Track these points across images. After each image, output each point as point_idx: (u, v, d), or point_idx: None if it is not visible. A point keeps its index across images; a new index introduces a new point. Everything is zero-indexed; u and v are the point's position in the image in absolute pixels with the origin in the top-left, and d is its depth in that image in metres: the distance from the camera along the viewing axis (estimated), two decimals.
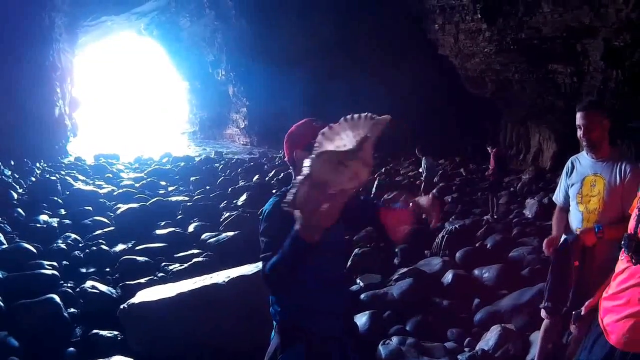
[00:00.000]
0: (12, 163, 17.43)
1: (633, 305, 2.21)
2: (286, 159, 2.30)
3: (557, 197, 3.63)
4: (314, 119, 2.25)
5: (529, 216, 10.35)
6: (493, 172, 10.66)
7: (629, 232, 2.33)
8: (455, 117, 20.82)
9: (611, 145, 3.34)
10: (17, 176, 15.85)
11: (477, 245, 7.75)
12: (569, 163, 3.49)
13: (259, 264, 5.12)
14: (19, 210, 10.74)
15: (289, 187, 2.30)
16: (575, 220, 3.38)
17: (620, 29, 10.76)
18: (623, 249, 2.31)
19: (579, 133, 3.25)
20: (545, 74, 14.06)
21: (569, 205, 3.47)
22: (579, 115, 3.24)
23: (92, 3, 24.50)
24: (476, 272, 6.37)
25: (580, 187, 3.33)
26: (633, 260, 2.23)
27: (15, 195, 12.62)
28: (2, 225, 9.37)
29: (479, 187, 13.97)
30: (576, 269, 3.21)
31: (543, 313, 3.55)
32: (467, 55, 16.66)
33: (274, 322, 2.33)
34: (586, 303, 2.75)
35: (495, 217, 10.33)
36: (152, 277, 6.82)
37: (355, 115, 1.55)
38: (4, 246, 7.88)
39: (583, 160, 3.38)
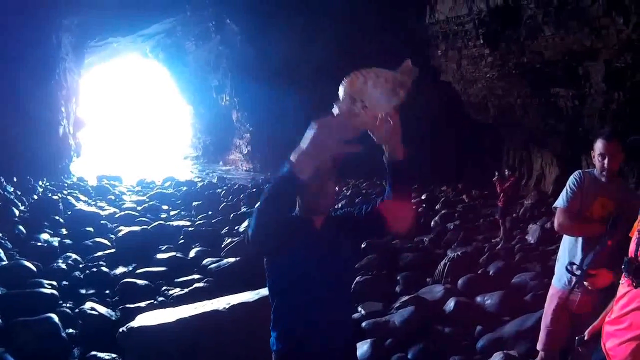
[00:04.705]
0: (15, 180, 17.51)
1: (635, 329, 2.20)
2: None
3: (562, 201, 3.38)
4: None
5: (532, 242, 10.27)
6: (505, 198, 10.44)
7: (629, 255, 2.32)
8: (457, 143, 20.83)
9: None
10: (20, 193, 15.94)
11: (479, 272, 7.70)
12: (580, 174, 3.36)
13: (260, 291, 5.15)
14: (20, 227, 10.75)
15: None
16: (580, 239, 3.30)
17: (621, 49, 10.80)
18: (624, 273, 2.30)
19: (602, 162, 3.20)
20: (547, 97, 14.09)
21: (575, 209, 3.32)
22: (603, 144, 3.19)
23: (99, 24, 24.73)
24: (479, 299, 6.33)
25: (590, 207, 3.26)
26: (634, 284, 2.22)
27: (17, 212, 12.67)
28: (2, 241, 9.37)
29: (481, 214, 13.89)
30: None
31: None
32: (469, 81, 16.75)
33: (272, 352, 2.30)
34: (589, 328, 2.73)
35: (503, 243, 10.12)
36: (152, 301, 6.79)
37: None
38: (4, 263, 7.91)
39: (594, 179, 3.31)
